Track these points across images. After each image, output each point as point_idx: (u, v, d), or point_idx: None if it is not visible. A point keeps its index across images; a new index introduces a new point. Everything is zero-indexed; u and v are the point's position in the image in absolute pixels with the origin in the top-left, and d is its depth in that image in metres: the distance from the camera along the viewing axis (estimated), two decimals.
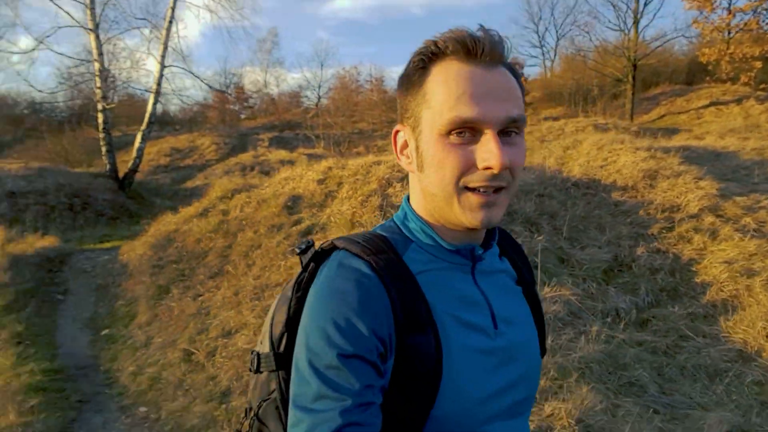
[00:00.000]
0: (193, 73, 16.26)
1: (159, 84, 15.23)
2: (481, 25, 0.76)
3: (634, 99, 23.57)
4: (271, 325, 0.86)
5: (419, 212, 0.85)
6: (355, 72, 36.21)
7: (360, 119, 29.94)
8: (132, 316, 5.89)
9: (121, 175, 14.79)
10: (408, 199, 0.89)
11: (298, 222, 6.59)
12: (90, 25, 14.51)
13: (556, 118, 22.42)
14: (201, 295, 5.63)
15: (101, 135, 14.76)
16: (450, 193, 0.76)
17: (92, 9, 14.52)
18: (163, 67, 15.21)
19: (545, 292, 4.90)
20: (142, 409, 4.02)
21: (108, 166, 14.73)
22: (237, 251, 6.29)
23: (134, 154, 14.96)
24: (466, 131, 0.74)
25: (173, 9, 15.25)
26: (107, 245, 9.43)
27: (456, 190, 0.76)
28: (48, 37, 14.90)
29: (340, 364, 0.69)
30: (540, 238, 5.97)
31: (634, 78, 23.72)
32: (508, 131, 0.75)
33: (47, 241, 8.55)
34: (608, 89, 27.33)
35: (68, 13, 14.60)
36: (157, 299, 5.89)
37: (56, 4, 14.33)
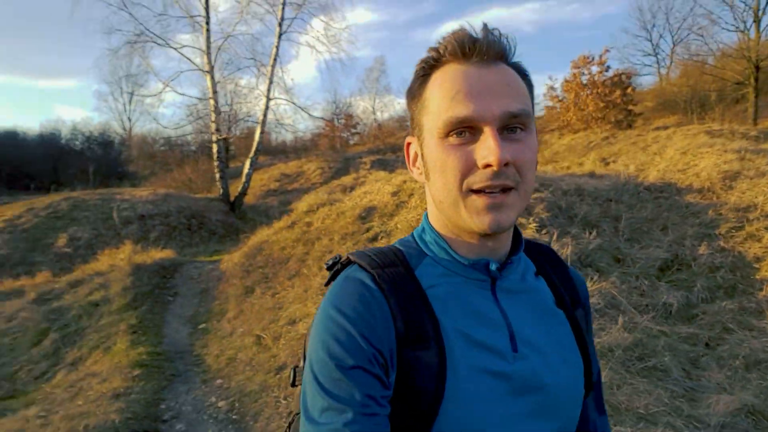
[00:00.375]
0: (295, 104, 17.66)
1: (265, 116, 16.78)
2: (484, 24, 0.75)
3: (757, 102, 21.80)
4: (305, 340, 0.84)
5: (434, 225, 0.83)
6: None
7: None
8: (223, 312, 6.78)
9: (232, 198, 16.41)
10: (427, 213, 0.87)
11: (368, 230, 7.19)
12: (207, 68, 16.42)
13: (667, 127, 21.35)
14: (278, 293, 6.39)
15: (215, 163, 16.53)
16: (455, 197, 0.74)
17: (208, 54, 16.43)
18: (268, 100, 16.77)
19: (587, 285, 5.05)
20: (218, 381, 4.76)
21: (221, 191, 16.43)
22: (312, 256, 7.00)
23: (243, 179, 16.56)
24: (466, 131, 0.72)
25: (277, 47, 16.82)
26: (215, 258, 10.64)
27: (461, 193, 0.73)
28: (172, 80, 17.05)
29: (341, 376, 0.68)
30: (594, 237, 6.08)
31: (756, 80, 21.98)
32: (512, 128, 0.73)
33: (165, 254, 9.88)
34: (728, 94, 25.49)
35: (189, 59, 16.67)
36: (243, 297, 6.75)
37: (180, 53, 16.44)
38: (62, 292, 8.12)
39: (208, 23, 16.22)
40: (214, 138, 16.41)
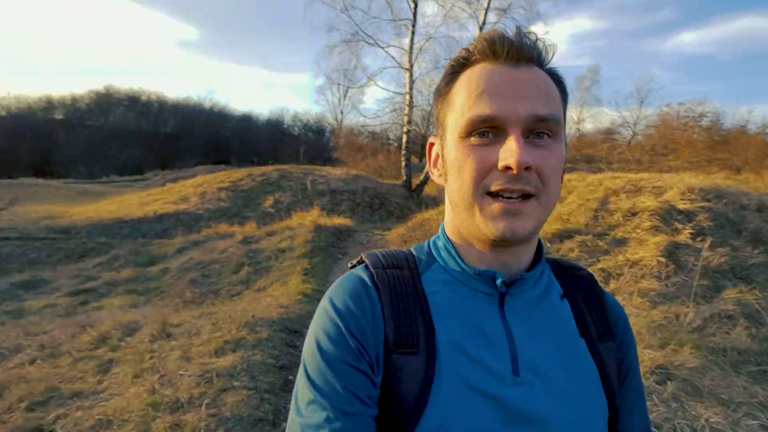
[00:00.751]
0: None
1: None
2: (518, 27, 0.72)
3: None
4: None
5: (448, 232, 0.81)
6: (681, 109, 33.86)
7: (675, 158, 28.00)
8: None
9: (413, 186, 17.74)
10: None
11: None
12: (407, 66, 17.94)
13: None
14: None
15: (402, 152, 18.00)
16: (471, 199, 0.70)
17: (410, 53, 17.93)
18: None
19: (726, 293, 4.97)
20: None
21: (404, 178, 17.85)
22: None
23: (426, 168, 17.79)
24: (489, 132, 0.68)
25: None
26: (385, 232, 11.92)
27: (477, 195, 0.69)
28: (376, 75, 18.97)
29: (326, 369, 0.68)
30: (759, 254, 5.80)
31: None
32: (539, 133, 0.68)
33: (344, 222, 11.41)
34: None
35: (393, 57, 18.38)
36: None
37: (386, 51, 18.22)
38: (260, 239, 9.98)
39: (413, 26, 17.71)
40: (404, 129, 17.88)
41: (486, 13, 17.15)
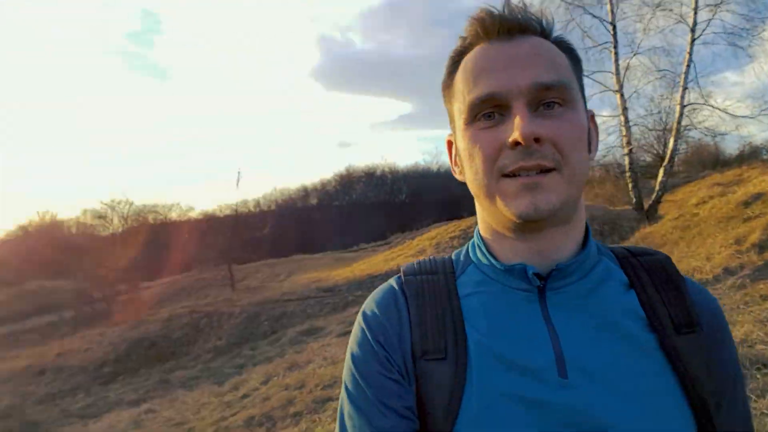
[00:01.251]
0: (713, 107, 16.92)
1: (679, 123, 16.69)
2: (506, 0, 0.68)
3: None
4: None
5: (480, 228, 0.76)
6: None
7: None
8: None
9: (645, 207, 16.87)
10: None
11: (748, 217, 7.15)
12: (615, 87, 17.58)
13: None
14: None
15: (627, 174, 17.37)
16: (488, 185, 0.66)
17: (617, 74, 17.58)
18: (682, 107, 16.63)
19: None
20: None
21: (634, 200, 17.12)
22: (686, 239, 7.49)
23: (657, 188, 16.82)
24: (494, 113, 0.65)
25: (690, 54, 16.58)
26: None
27: (492, 179, 0.65)
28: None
29: (361, 382, 0.67)
30: None
31: None
32: (549, 103, 0.64)
33: None
34: None
35: (600, 82, 18.18)
36: None
37: (591, 78, 18.15)
38: None
39: (615, 47, 17.41)
40: (625, 151, 17.31)
41: (695, 13, 16.08)
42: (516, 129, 0.61)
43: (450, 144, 0.78)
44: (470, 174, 0.69)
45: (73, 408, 9.61)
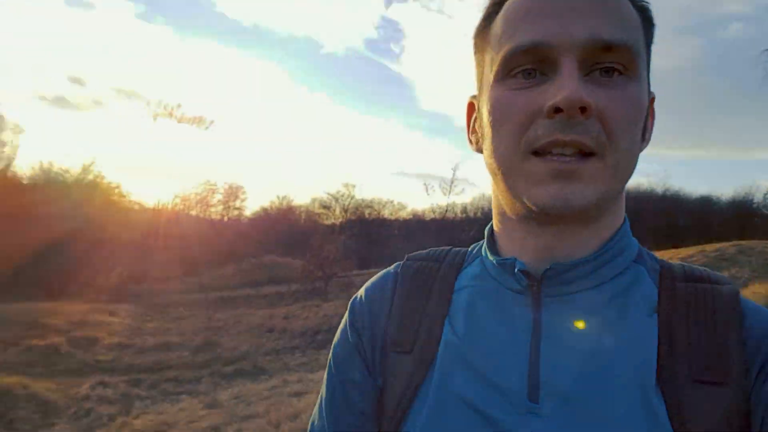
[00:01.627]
0: None
1: None
2: None
3: None
4: None
5: (494, 214, 0.64)
6: None
7: None
8: None
9: None
10: None
11: None
12: None
13: None
14: None
15: None
16: (510, 162, 0.53)
17: None
18: None
19: None
20: None
21: None
22: None
23: None
24: (536, 70, 0.51)
25: None
26: None
27: (518, 154, 0.52)
28: None
29: (333, 368, 0.66)
30: None
31: None
32: (607, 68, 0.50)
33: None
34: None
35: None
36: None
37: None
38: None
39: None
40: None
41: None
42: (559, 91, 0.48)
43: (471, 107, 0.64)
44: (491, 146, 0.55)
45: (292, 363, 11.09)
